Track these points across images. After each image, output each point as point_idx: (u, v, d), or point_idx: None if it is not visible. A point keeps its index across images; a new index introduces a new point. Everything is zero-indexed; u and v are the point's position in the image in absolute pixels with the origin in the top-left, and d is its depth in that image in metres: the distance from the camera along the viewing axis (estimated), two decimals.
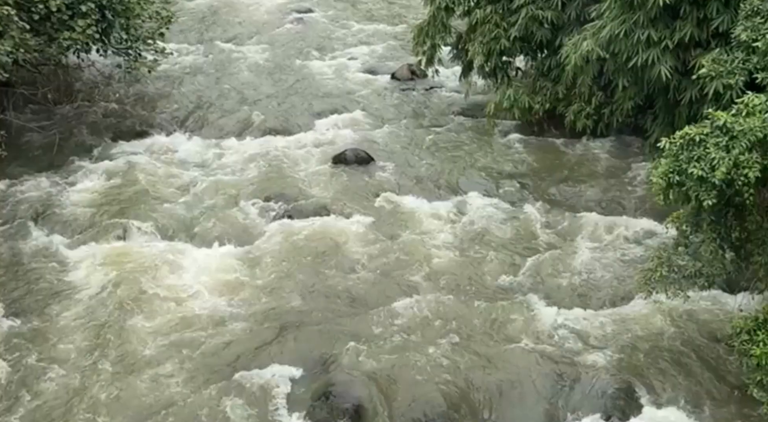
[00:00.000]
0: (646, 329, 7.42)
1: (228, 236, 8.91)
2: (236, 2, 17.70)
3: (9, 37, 9.21)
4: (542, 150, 10.97)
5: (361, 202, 9.73)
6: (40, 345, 7.16)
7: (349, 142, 11.12)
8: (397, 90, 13.25)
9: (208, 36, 15.59)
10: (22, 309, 7.62)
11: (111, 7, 10.67)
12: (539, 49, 11.13)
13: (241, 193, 9.83)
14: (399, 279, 8.27)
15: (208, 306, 7.73)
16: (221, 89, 13.08)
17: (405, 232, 9.08)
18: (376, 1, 18.15)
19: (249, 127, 11.79)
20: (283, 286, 8.07)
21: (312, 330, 7.48)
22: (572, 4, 10.55)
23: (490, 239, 8.92)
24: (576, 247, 8.73)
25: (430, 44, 12.13)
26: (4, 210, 9.17)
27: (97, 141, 10.99)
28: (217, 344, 7.26)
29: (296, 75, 13.82)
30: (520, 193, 9.94)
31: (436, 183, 10.24)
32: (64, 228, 8.88)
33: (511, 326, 7.53)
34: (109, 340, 7.24)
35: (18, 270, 8.15)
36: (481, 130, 11.56)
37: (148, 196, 9.63)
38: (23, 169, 9.97)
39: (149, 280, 8.00)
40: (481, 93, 12.39)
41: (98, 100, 12.06)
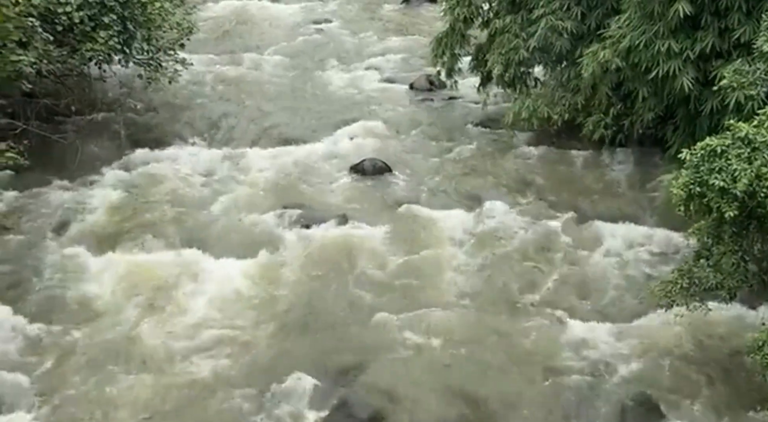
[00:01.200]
0: (666, 342, 7.35)
1: (246, 246, 8.92)
2: (256, 13, 17.80)
3: (33, 48, 9.32)
4: (561, 161, 10.92)
5: (380, 212, 9.73)
6: (59, 353, 7.22)
7: (367, 152, 11.13)
8: (415, 100, 13.26)
9: (228, 46, 15.69)
10: (43, 317, 7.67)
11: (133, 18, 10.76)
12: (558, 59, 11.09)
13: (260, 202, 9.86)
14: (417, 290, 8.25)
15: (226, 315, 7.75)
16: (240, 99, 13.16)
17: (423, 243, 9.05)
18: (395, 12, 18.20)
19: (268, 137, 11.84)
20: (301, 296, 8.08)
21: (329, 340, 7.49)
22: (592, 15, 10.52)
23: (508, 250, 8.88)
24: (595, 259, 8.68)
25: (448, 55, 12.13)
26: (26, 219, 9.25)
27: (118, 151, 11.07)
28: (235, 354, 7.29)
29: (315, 85, 13.87)
30: (538, 203, 9.89)
31: (455, 193, 10.22)
32: (84, 238, 8.94)
33: (530, 338, 7.49)
34: (127, 349, 7.28)
35: (39, 279, 8.22)
36: (500, 140, 11.53)
37: (167, 206, 9.69)
38: (45, 179, 10.06)
39: (168, 290, 8.04)
40: (499, 103, 12.38)
41: (119, 111, 12.15)
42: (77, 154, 10.60)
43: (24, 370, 6.97)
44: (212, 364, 7.15)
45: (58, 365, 7.09)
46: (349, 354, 7.29)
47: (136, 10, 10.74)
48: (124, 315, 7.70)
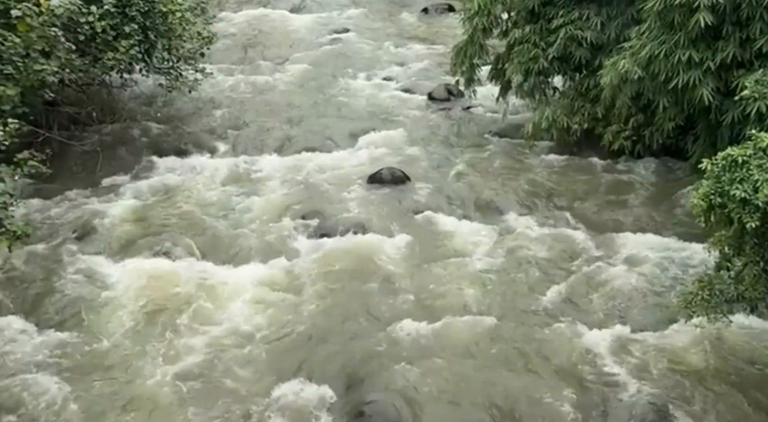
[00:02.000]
0: (686, 353, 7.27)
1: (264, 254, 8.96)
2: (275, 23, 17.94)
3: (55, 57, 9.43)
4: (580, 170, 10.87)
5: (398, 221, 9.73)
6: (76, 360, 7.26)
7: (385, 161, 11.14)
8: (434, 109, 13.27)
9: (248, 55, 15.81)
10: (63, 322, 7.74)
11: (154, 28, 10.88)
12: (578, 69, 11.07)
13: (278, 211, 9.90)
14: (435, 299, 8.23)
15: (244, 323, 7.77)
16: (259, 108, 13.24)
17: (441, 252, 9.04)
18: (414, 22, 18.25)
19: (286, 146, 11.90)
20: (320, 305, 8.09)
21: (347, 349, 7.48)
22: (611, 24, 10.50)
23: (527, 259, 8.84)
24: (615, 269, 8.60)
25: (467, 64, 12.13)
26: (47, 226, 9.34)
27: (139, 159, 11.18)
28: (251, 362, 7.30)
29: (333, 94, 13.93)
30: (557, 213, 9.85)
31: (473, 203, 10.20)
32: (104, 245, 9.02)
33: (548, 347, 7.44)
34: (146, 355, 7.32)
35: (58, 286, 8.28)
36: (519, 150, 11.51)
37: (187, 213, 9.75)
38: (67, 186, 10.17)
39: (186, 298, 8.08)
40: (518, 113, 12.36)
41: (140, 119, 12.28)
42: (98, 162, 10.72)
43: (40, 378, 7.01)
44: (229, 372, 7.16)
45: (74, 372, 7.12)
46: (367, 364, 7.27)
47: (158, 20, 10.86)
48: (142, 323, 7.73)
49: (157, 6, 10.72)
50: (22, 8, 8.89)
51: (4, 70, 8.76)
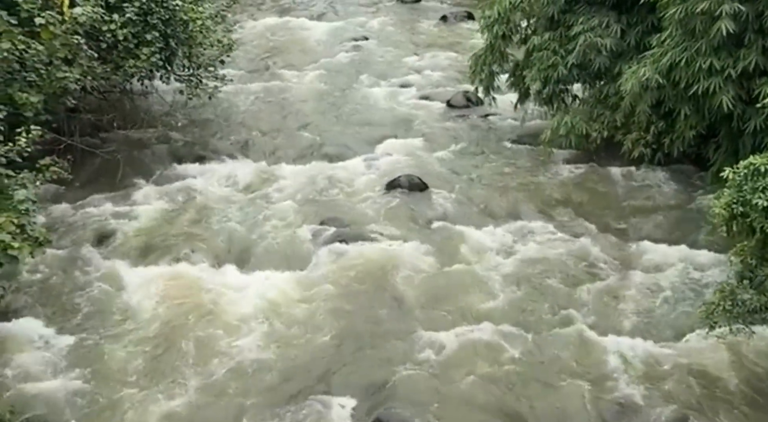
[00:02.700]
0: (707, 364, 7.20)
1: (281, 261, 8.99)
2: (294, 30, 18.03)
3: (78, 65, 9.52)
4: (600, 178, 10.80)
5: (415, 229, 9.72)
6: (95, 365, 7.30)
7: (403, 168, 11.13)
8: (452, 117, 13.25)
9: (267, 63, 15.89)
10: (83, 328, 7.79)
11: (175, 35, 10.95)
12: (597, 76, 11.02)
13: (296, 217, 9.92)
14: (452, 306, 8.20)
15: (261, 330, 7.78)
16: (278, 115, 13.29)
17: (459, 260, 9.01)
18: (433, 29, 18.27)
19: (304, 153, 11.93)
20: (336, 312, 8.09)
21: (364, 356, 7.47)
22: (632, 32, 10.44)
23: (546, 268, 8.79)
24: (635, 278, 8.55)
25: (486, 72, 12.14)
26: (68, 231, 9.42)
27: (158, 165, 11.25)
28: (268, 368, 7.31)
29: (352, 101, 13.96)
30: (576, 221, 9.79)
31: (491, 211, 10.17)
32: (123, 250, 9.08)
33: (567, 356, 7.40)
34: (162, 361, 7.35)
35: (80, 290, 8.34)
36: (537, 157, 11.47)
37: (205, 220, 9.80)
38: (87, 192, 10.25)
39: (204, 304, 8.11)
40: (537, 120, 12.32)
41: (160, 126, 12.37)
42: (119, 168, 10.78)
43: (59, 383, 7.06)
44: (246, 379, 7.18)
45: (93, 377, 7.15)
46: (384, 371, 7.26)
47: (178, 28, 10.92)
48: (161, 329, 7.76)
49: (178, 14, 10.79)
50: (46, 16, 8.98)
51: (27, 78, 8.85)
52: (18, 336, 7.54)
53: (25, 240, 6.85)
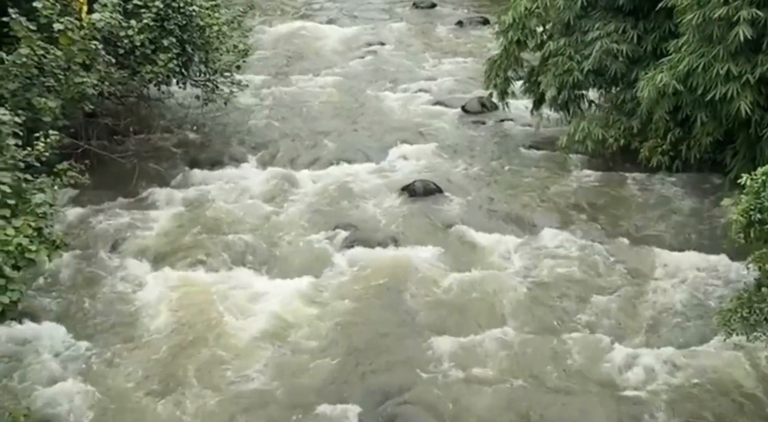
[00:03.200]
0: (723, 372, 7.13)
1: (297, 266, 9.01)
2: (310, 35, 18.09)
3: (95, 70, 9.61)
4: (616, 185, 10.75)
5: (430, 234, 9.70)
6: (110, 370, 7.34)
7: (418, 173, 11.14)
8: (467, 122, 13.24)
9: (283, 68, 15.94)
10: (97, 332, 7.84)
11: (191, 41, 11.02)
12: (613, 82, 10.97)
13: (311, 223, 9.94)
14: (468, 311, 8.18)
15: (277, 335, 7.80)
16: (293, 120, 13.33)
17: (474, 265, 8.99)
18: (448, 35, 18.27)
19: (319, 158, 11.95)
20: (352, 317, 8.09)
21: (379, 362, 7.46)
22: (648, 38, 10.39)
23: (562, 274, 8.75)
24: (651, 285, 8.50)
25: (501, 77, 12.13)
26: (85, 235, 9.49)
27: (174, 170, 11.31)
28: (283, 374, 7.31)
29: (367, 106, 13.98)
30: (592, 228, 9.74)
31: (506, 216, 10.14)
32: (139, 255, 9.12)
33: (583, 363, 7.35)
34: (177, 366, 7.37)
35: (96, 294, 8.40)
36: (553, 163, 11.43)
37: (220, 225, 9.83)
38: (104, 197, 10.32)
39: (219, 309, 8.13)
40: (552, 126, 12.28)
41: (176, 131, 12.45)
42: (135, 172, 10.85)
43: (74, 387, 7.09)
44: (261, 384, 7.19)
45: (107, 383, 7.19)
46: (399, 377, 7.25)
47: (195, 34, 10.99)
48: (175, 334, 7.79)
49: (195, 20, 10.86)
50: (65, 22, 9.09)
51: (45, 83, 8.95)
52: (34, 339, 7.59)
53: (42, 244, 6.89)
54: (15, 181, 6.95)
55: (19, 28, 8.78)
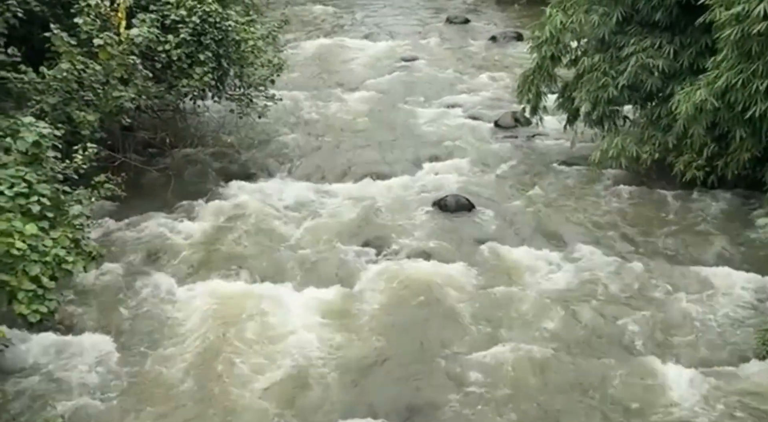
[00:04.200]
0: (764, 392, 6.97)
1: (327, 279, 9.02)
2: (344, 50, 18.22)
3: (133, 84, 9.76)
4: (651, 201, 10.62)
5: (462, 249, 9.67)
6: (145, 379, 7.40)
7: (450, 188, 11.13)
8: (500, 137, 13.21)
9: (316, 82, 16.08)
10: (131, 342, 7.91)
11: (227, 55, 11.15)
12: (649, 97, 10.86)
13: (342, 236, 9.96)
14: (497, 328, 8.11)
15: (304, 348, 7.78)
16: (326, 134, 13.42)
17: (505, 281, 8.93)
18: (481, 50, 18.28)
19: (351, 171, 12.01)
20: (381, 331, 8.07)
21: (406, 377, 7.42)
22: (685, 53, 10.27)
23: (595, 291, 8.65)
24: (685, 303, 8.35)
25: (534, 92, 12.09)
26: (121, 247, 9.61)
27: (209, 183, 11.44)
28: (309, 387, 7.30)
29: (399, 121, 14.01)
30: (626, 244, 9.63)
31: (539, 232, 10.06)
32: (174, 266, 9.22)
33: (617, 382, 7.23)
34: (209, 377, 7.40)
35: (132, 305, 8.49)
36: (586, 179, 11.33)
37: (253, 237, 9.91)
38: (140, 209, 10.44)
39: (251, 321, 8.17)
40: (586, 142, 12.19)
41: (211, 144, 12.60)
42: (170, 185, 10.99)
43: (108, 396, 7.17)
44: (287, 398, 7.18)
45: (142, 393, 7.25)
46: (428, 392, 7.20)
47: (231, 48, 11.12)
48: (208, 346, 7.82)
49: (230, 35, 10.99)
50: (104, 37, 9.26)
51: (85, 97, 9.12)
52: (70, 348, 7.68)
53: (78, 255, 7.02)
54: (54, 193, 7.10)
55: (60, 44, 8.97)
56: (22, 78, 8.79)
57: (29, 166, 7.12)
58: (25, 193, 6.81)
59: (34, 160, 7.28)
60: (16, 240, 6.29)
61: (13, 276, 6.31)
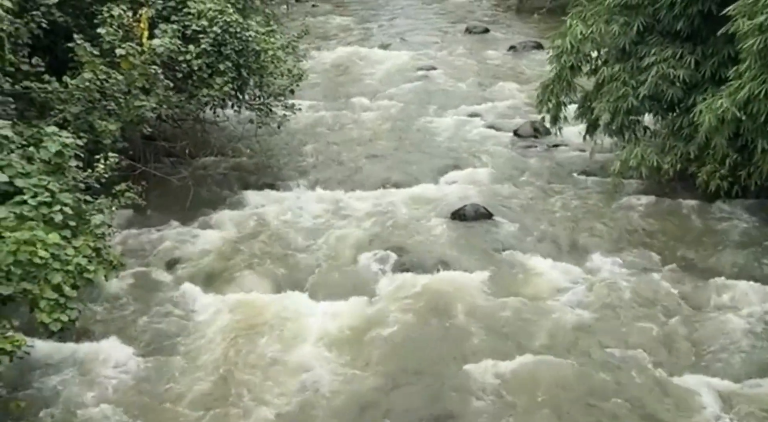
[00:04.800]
0: None
1: (346, 289, 9.01)
2: (363, 60, 18.29)
3: (154, 94, 9.84)
4: (672, 212, 10.53)
5: (480, 259, 9.63)
6: (165, 387, 7.42)
7: (468, 198, 11.09)
8: (519, 147, 13.17)
9: (335, 92, 16.14)
10: (151, 351, 7.95)
11: (247, 65, 11.22)
12: (670, 107, 10.78)
13: (360, 245, 9.96)
14: (516, 339, 8.06)
15: (322, 358, 7.79)
16: (345, 143, 13.45)
17: (524, 291, 8.88)
18: (501, 59, 18.27)
19: (370, 181, 12.01)
20: (400, 341, 8.04)
21: (424, 387, 7.39)
22: (707, 63, 10.19)
23: (615, 302, 8.57)
24: (707, 315, 8.26)
25: (554, 102, 12.04)
26: (141, 256, 9.67)
27: (228, 192, 11.50)
28: (328, 397, 7.29)
29: (418, 130, 14.03)
30: (647, 255, 9.53)
31: (558, 242, 10.00)
32: (193, 275, 9.25)
33: (637, 395, 7.15)
34: (227, 387, 7.40)
35: (152, 313, 8.53)
36: (606, 189, 11.25)
37: (271, 247, 9.93)
38: (160, 218, 10.52)
39: (269, 331, 8.18)
40: (606, 152, 12.12)
41: (230, 153, 12.67)
42: (190, 194, 11.05)
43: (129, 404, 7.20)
44: (307, 405, 7.16)
45: (161, 400, 7.28)
46: (447, 402, 7.16)
47: (251, 58, 11.19)
48: (227, 355, 7.84)
49: (251, 45, 11.07)
50: (126, 47, 9.34)
51: (107, 106, 9.20)
52: (91, 356, 7.72)
53: (100, 264, 7.06)
54: (76, 202, 7.16)
55: (83, 54, 9.07)
56: (46, 87, 8.89)
57: (52, 175, 7.19)
58: (48, 201, 6.88)
59: (57, 169, 7.35)
60: (38, 248, 6.34)
61: (35, 285, 6.36)
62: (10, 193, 6.89)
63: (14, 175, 6.94)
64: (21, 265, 6.25)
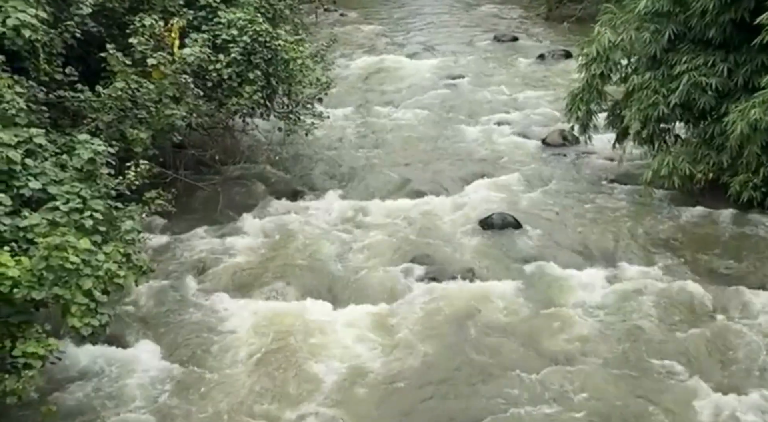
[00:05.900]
0: None
1: (373, 297, 9.01)
2: (390, 68, 18.33)
3: (185, 103, 9.94)
4: (703, 221, 10.38)
5: (508, 268, 9.58)
6: (195, 393, 7.46)
7: (496, 206, 11.04)
8: (547, 155, 13.09)
9: (362, 100, 16.17)
10: (180, 357, 8.00)
11: (276, 74, 11.31)
12: (701, 116, 10.65)
13: (388, 254, 9.95)
14: (545, 347, 8.00)
15: (348, 366, 7.78)
16: (373, 152, 13.47)
17: (553, 300, 8.81)
18: (529, 67, 18.20)
19: (397, 189, 12.01)
20: (427, 350, 8.01)
21: (452, 397, 7.35)
22: (739, 71, 10.06)
23: (644, 313, 8.46)
24: (738, 326, 8.14)
25: (583, 110, 11.96)
26: (170, 261, 9.76)
27: (256, 200, 11.56)
28: (354, 405, 7.28)
29: (446, 138, 14.00)
30: (678, 265, 9.41)
31: (587, 251, 9.91)
32: (221, 283, 9.31)
33: (663, 405, 7.06)
34: (254, 394, 7.43)
35: (180, 320, 8.60)
36: (636, 198, 11.14)
37: (299, 254, 9.95)
38: (189, 225, 10.61)
39: (297, 337, 8.20)
40: (636, 160, 12.00)
41: (259, 161, 12.75)
42: (219, 202, 11.14)
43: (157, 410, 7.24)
44: (334, 413, 7.16)
45: (191, 407, 7.32)
46: (473, 412, 7.11)
47: (280, 67, 11.27)
48: (255, 362, 7.87)
49: (279, 54, 11.15)
50: (158, 57, 9.46)
51: (138, 115, 9.32)
52: (121, 362, 7.80)
53: (130, 269, 7.14)
54: (107, 209, 7.25)
55: (115, 63, 9.20)
56: (79, 96, 9.03)
57: (84, 182, 7.29)
58: (80, 208, 6.98)
59: (89, 176, 7.45)
60: (70, 254, 6.42)
61: (67, 290, 6.44)
62: (43, 200, 7.01)
63: (47, 182, 7.07)
64: (53, 270, 6.34)
